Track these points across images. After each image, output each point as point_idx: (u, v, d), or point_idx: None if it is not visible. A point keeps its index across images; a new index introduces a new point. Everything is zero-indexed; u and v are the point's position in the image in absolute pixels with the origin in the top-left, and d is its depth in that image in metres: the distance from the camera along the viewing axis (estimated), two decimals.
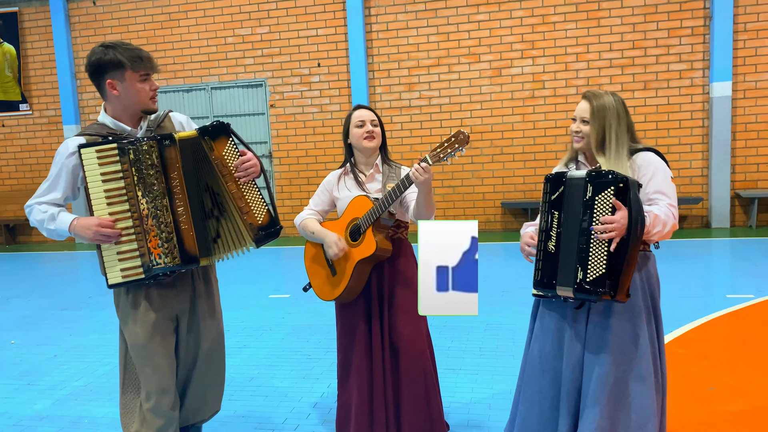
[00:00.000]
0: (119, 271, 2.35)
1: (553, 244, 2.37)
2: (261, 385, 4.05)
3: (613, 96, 2.43)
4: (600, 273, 2.23)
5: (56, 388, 4.18)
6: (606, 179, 2.22)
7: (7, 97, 11.45)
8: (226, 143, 2.45)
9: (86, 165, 2.32)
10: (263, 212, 2.49)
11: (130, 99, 2.41)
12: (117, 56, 2.36)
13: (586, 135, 2.44)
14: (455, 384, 3.89)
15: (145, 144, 2.34)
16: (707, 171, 9.22)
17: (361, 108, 2.91)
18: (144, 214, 2.35)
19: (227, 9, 10.36)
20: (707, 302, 5.38)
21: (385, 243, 2.72)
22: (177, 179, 2.38)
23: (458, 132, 2.45)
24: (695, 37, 9.02)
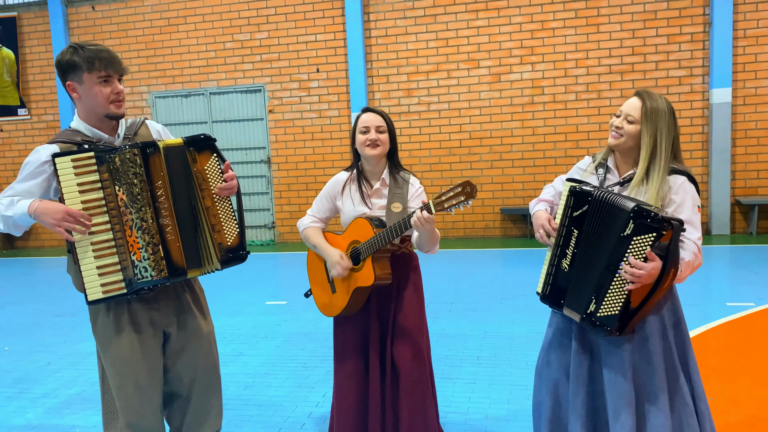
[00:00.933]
0: (100, 287, 2.20)
1: (567, 263, 2.29)
2: (255, 394, 4.01)
3: (666, 102, 2.26)
4: (614, 312, 2.16)
5: (49, 397, 4.13)
6: (652, 224, 2.04)
7: (6, 101, 11.43)
8: (210, 158, 2.34)
9: (61, 175, 2.16)
10: (234, 234, 2.39)
11: (90, 102, 2.26)
12: (74, 57, 2.21)
13: (626, 135, 2.27)
14: (452, 394, 3.85)
15: (127, 152, 2.20)
16: (707, 178, 9.19)
17: (368, 111, 2.73)
18: (128, 225, 2.22)
19: (226, 14, 10.35)
20: (706, 310, 5.34)
21: (385, 272, 2.61)
22: (162, 188, 2.25)
23: (466, 183, 2.27)
24: (695, 43, 9.00)
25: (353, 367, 2.78)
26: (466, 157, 9.77)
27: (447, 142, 9.83)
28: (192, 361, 2.48)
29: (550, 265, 2.35)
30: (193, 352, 2.48)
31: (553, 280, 2.32)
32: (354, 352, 2.79)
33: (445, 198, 2.33)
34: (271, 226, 10.70)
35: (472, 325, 5.23)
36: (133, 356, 2.32)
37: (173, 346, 2.44)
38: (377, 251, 2.58)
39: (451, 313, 5.60)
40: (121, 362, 2.33)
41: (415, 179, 2.78)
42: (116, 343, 2.32)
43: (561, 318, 2.46)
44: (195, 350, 2.48)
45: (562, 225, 2.30)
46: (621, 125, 2.28)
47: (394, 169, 2.78)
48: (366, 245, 2.60)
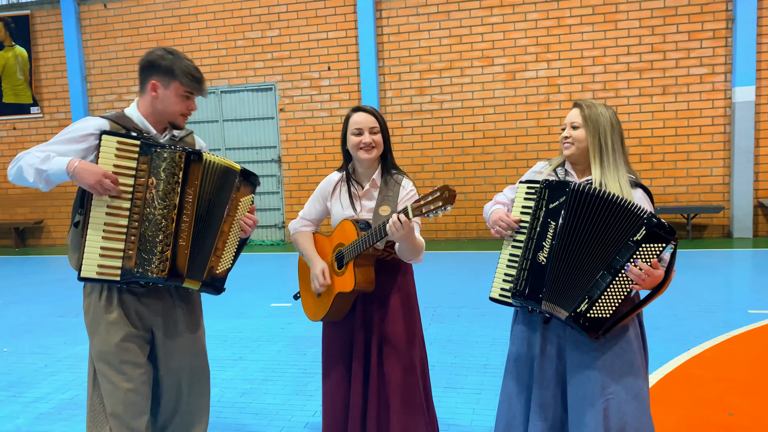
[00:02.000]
0: (96, 266, 2.23)
1: (545, 256, 2.21)
2: (252, 402, 3.86)
3: (605, 106, 2.33)
4: (606, 315, 2.13)
5: (41, 401, 4.02)
6: (665, 234, 2.08)
7: (19, 99, 11.44)
8: (248, 194, 2.49)
9: (103, 152, 2.23)
10: (226, 266, 2.46)
11: (165, 106, 2.37)
12: (173, 64, 2.34)
13: (577, 140, 2.31)
14: (455, 404, 3.67)
15: (176, 152, 2.27)
16: (729, 179, 8.90)
17: (360, 111, 2.56)
18: (148, 218, 2.26)
19: (237, 12, 10.24)
20: (726, 318, 5.10)
21: (367, 278, 2.48)
22: (191, 195, 2.31)
23: (444, 188, 2.17)
24: (717, 40, 8.71)
25: (339, 375, 2.65)
26: (479, 156, 9.57)
27: (460, 142, 9.63)
28: (178, 364, 2.49)
29: (522, 259, 2.27)
30: (179, 355, 2.48)
31: (529, 276, 2.24)
32: (340, 360, 2.65)
33: (423, 203, 2.20)
34: (281, 226, 10.58)
35: (480, 331, 5.05)
36: (119, 345, 2.34)
37: (159, 346, 2.45)
38: (359, 255, 2.44)
39: (459, 318, 5.42)
40: (107, 349, 2.34)
41: (408, 181, 2.61)
42: (104, 330, 2.35)
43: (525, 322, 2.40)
44: (181, 353, 2.49)
45: (534, 218, 2.26)
46: (569, 134, 2.33)
47: (387, 170, 2.62)
48: (349, 249, 2.47)
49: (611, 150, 2.26)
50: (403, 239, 2.30)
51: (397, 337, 2.55)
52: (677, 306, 5.38)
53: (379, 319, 2.57)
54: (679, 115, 8.94)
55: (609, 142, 2.26)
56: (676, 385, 3.77)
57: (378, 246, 2.49)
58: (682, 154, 8.99)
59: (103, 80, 10.95)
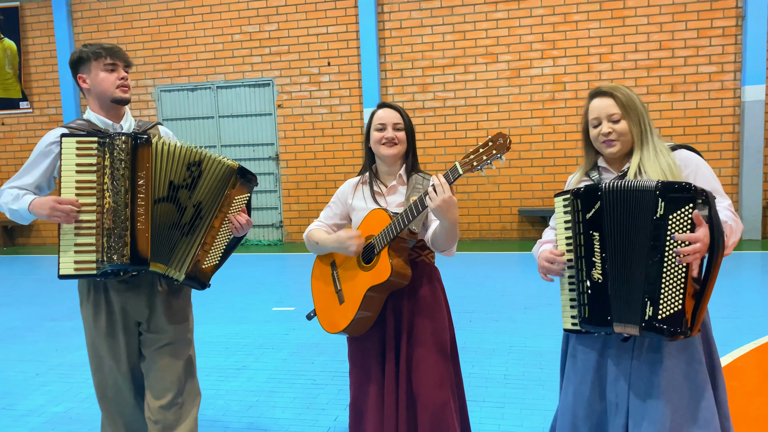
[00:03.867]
0: (72, 263, 2.31)
1: (599, 273, 1.98)
2: (260, 416, 3.62)
3: (626, 87, 2.13)
4: (677, 308, 1.84)
5: (33, 415, 3.76)
6: (684, 194, 1.82)
7: (8, 94, 11.10)
8: (243, 192, 2.50)
9: (64, 153, 2.31)
10: (213, 262, 2.49)
11: (98, 89, 2.46)
12: (81, 52, 2.46)
13: (621, 135, 2.07)
14: (479, 419, 3.44)
15: (121, 138, 2.32)
16: (738, 179, 8.73)
17: (385, 107, 2.46)
18: (106, 207, 2.32)
19: (234, 5, 9.97)
20: (749, 324, 4.91)
21: (403, 268, 2.27)
22: (144, 179, 2.33)
23: (498, 135, 2.01)
24: (726, 37, 8.54)
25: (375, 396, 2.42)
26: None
27: (463, 140, 9.41)
28: (163, 359, 2.54)
29: (579, 282, 2.05)
30: (163, 352, 2.54)
31: (590, 299, 2.01)
32: (374, 379, 2.42)
33: (474, 156, 2.02)
34: (279, 226, 10.32)
35: (495, 338, 4.83)
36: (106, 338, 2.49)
37: (145, 340, 2.54)
38: (394, 239, 2.23)
39: (471, 324, 5.19)
40: (96, 342, 2.51)
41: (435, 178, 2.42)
42: (94, 324, 2.50)
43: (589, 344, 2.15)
44: (165, 350, 2.54)
45: (576, 234, 2.05)
46: (611, 129, 2.08)
47: (412, 169, 2.47)
48: (382, 234, 2.26)
49: (650, 133, 2.06)
50: (446, 209, 2.08)
51: (431, 342, 2.36)
52: None
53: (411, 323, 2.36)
54: (687, 114, 8.77)
55: (647, 125, 2.06)
56: None
57: (414, 229, 2.27)
58: None
59: None
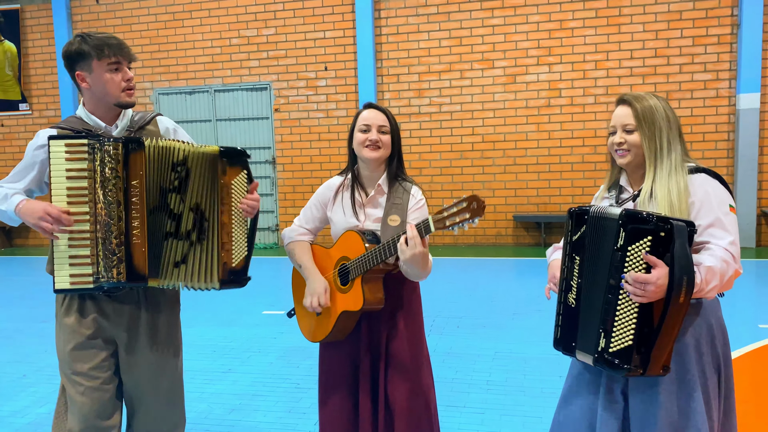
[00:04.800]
0: (68, 276, 2.15)
1: (574, 297, 1.94)
2: (241, 419, 3.64)
3: (657, 97, 1.99)
4: (627, 344, 1.77)
5: (18, 415, 3.78)
6: (644, 225, 1.74)
7: (7, 96, 11.17)
8: (240, 173, 2.26)
9: (53, 158, 2.12)
10: (241, 256, 2.29)
11: (100, 91, 2.22)
12: (82, 46, 2.18)
13: (633, 146, 1.98)
14: (458, 424, 3.46)
15: (110, 145, 2.12)
16: (732, 187, 8.71)
17: (371, 108, 2.37)
18: (99, 220, 2.14)
19: (232, 9, 10.02)
20: (736, 333, 4.89)
21: (376, 297, 2.26)
22: (137, 188, 2.15)
23: (472, 198, 1.94)
24: (722, 45, 8.55)
25: (341, 401, 2.42)
26: (478, 161, 9.37)
27: (459, 145, 9.43)
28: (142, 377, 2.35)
29: (558, 303, 2.01)
30: (143, 370, 2.35)
31: (563, 322, 1.98)
32: (342, 384, 2.42)
33: (447, 214, 1.97)
34: (275, 229, 10.35)
35: (481, 343, 4.84)
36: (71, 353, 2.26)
37: (123, 359, 2.34)
38: (368, 271, 2.22)
39: (459, 330, 5.21)
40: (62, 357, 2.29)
41: (417, 189, 2.40)
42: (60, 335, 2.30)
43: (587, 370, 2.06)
44: (145, 368, 2.35)
45: (564, 254, 2.00)
46: (623, 139, 2.00)
47: (395, 176, 2.40)
48: (356, 263, 2.25)
49: (666, 150, 1.92)
50: (416, 261, 2.06)
51: (405, 359, 2.35)
52: None
53: (386, 338, 2.35)
54: (682, 121, 8.71)
55: (665, 142, 1.92)
56: None
57: (389, 261, 2.27)
58: None
59: None
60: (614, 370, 1.81)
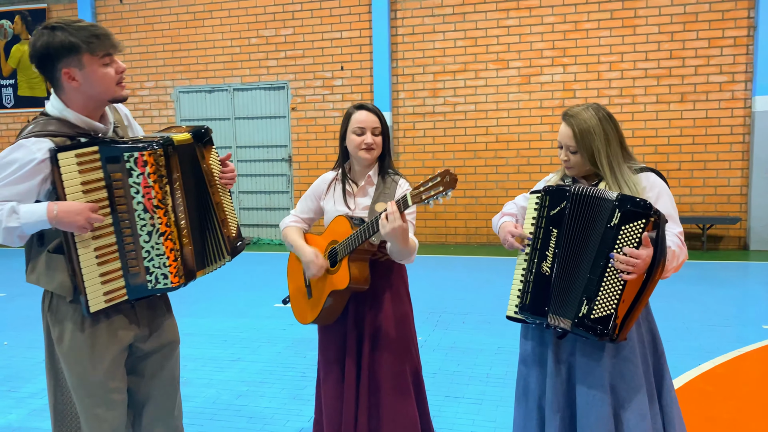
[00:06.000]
0: (102, 296, 1.97)
1: (549, 266, 2.12)
2: (247, 405, 3.78)
3: (595, 112, 2.16)
4: (609, 311, 1.97)
5: (35, 397, 3.97)
6: (639, 209, 1.97)
7: (33, 93, 11.48)
8: (212, 151, 2.21)
9: (65, 173, 1.88)
10: (235, 224, 2.30)
11: (94, 89, 1.97)
12: (69, 38, 1.90)
13: (576, 165, 2.22)
14: (455, 414, 3.57)
15: (154, 151, 1.96)
16: (747, 190, 8.69)
17: (363, 109, 2.50)
18: (148, 230, 1.99)
19: (252, 9, 10.20)
20: (741, 333, 4.94)
21: (362, 276, 2.39)
22: (179, 190, 2.05)
23: (444, 172, 2.07)
24: (738, 47, 8.52)
25: (337, 378, 2.57)
26: (491, 160, 9.44)
27: (472, 145, 9.51)
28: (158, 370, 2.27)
29: (527, 272, 2.18)
30: (160, 361, 2.27)
31: (533, 288, 2.16)
32: (336, 366, 2.57)
33: (423, 189, 2.11)
34: None
35: (485, 339, 4.93)
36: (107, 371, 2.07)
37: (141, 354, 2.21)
38: (354, 251, 2.36)
39: (464, 325, 5.30)
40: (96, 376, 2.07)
41: (404, 181, 2.57)
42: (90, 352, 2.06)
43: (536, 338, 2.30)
44: (163, 359, 2.28)
45: (538, 227, 2.19)
46: (567, 158, 2.22)
47: (384, 170, 2.57)
48: (343, 244, 2.40)
49: (608, 167, 2.15)
50: (396, 235, 2.18)
51: (388, 340, 2.48)
52: (689, 319, 5.23)
53: (371, 320, 2.50)
54: (696, 123, 8.76)
55: (605, 161, 2.14)
56: (686, 401, 3.63)
57: (373, 241, 2.40)
58: (699, 163, 8.81)
59: None
60: (593, 335, 2.00)
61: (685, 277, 1.97)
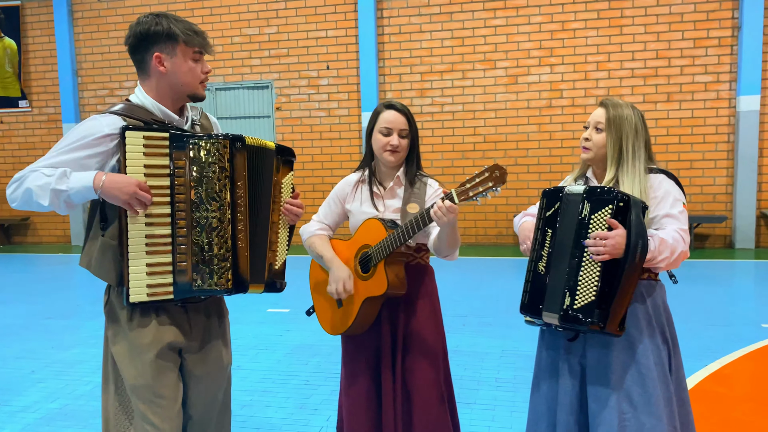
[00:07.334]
0: (146, 288, 1.91)
1: (543, 265, 2.15)
2: (252, 416, 3.66)
3: (632, 108, 2.21)
4: (589, 300, 1.99)
5: (28, 411, 3.79)
6: (604, 196, 2.00)
7: (7, 93, 11.13)
8: (289, 172, 2.20)
9: (129, 152, 1.88)
10: (282, 259, 2.19)
11: (179, 78, 2.01)
12: (171, 27, 1.97)
13: (595, 145, 2.21)
14: (469, 421, 3.49)
15: (219, 142, 1.94)
16: (732, 188, 8.79)
17: (392, 109, 2.39)
18: (201, 223, 1.94)
19: (234, 8, 10.02)
20: (739, 332, 4.95)
21: (399, 280, 2.31)
22: (242, 189, 2.00)
23: (494, 167, 2.02)
24: (722, 47, 8.61)
25: (366, 389, 2.45)
26: (479, 161, 9.40)
27: (460, 145, 9.46)
28: (210, 390, 2.18)
29: (527, 272, 2.22)
30: (212, 381, 2.17)
31: (531, 287, 2.19)
32: (366, 372, 2.45)
33: (470, 185, 2.05)
34: None
35: (488, 341, 4.87)
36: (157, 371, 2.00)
37: (191, 368, 2.12)
38: (390, 254, 2.26)
39: (465, 328, 5.24)
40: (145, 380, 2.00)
41: (433, 181, 2.49)
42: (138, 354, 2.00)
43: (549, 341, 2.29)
44: (214, 379, 2.18)
45: (536, 228, 2.22)
46: (590, 136, 2.23)
47: (412, 170, 2.46)
48: (378, 248, 2.29)
49: (630, 156, 2.15)
50: (447, 226, 2.14)
51: (425, 346, 2.39)
52: (689, 319, 5.24)
53: (405, 325, 2.41)
54: (683, 122, 8.83)
55: (630, 147, 2.16)
56: (699, 403, 3.61)
57: (410, 243, 2.32)
58: (686, 162, 8.88)
59: (94, 75, 10.68)
60: (578, 325, 2.00)
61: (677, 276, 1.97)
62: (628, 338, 2.11)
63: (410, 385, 2.38)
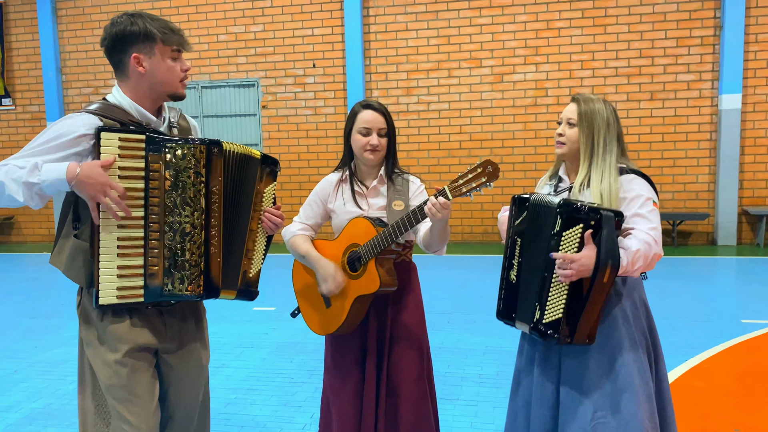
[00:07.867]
0: (116, 290, 1.90)
1: (515, 274, 2.19)
2: (237, 413, 3.66)
3: (604, 102, 2.23)
4: (557, 316, 2.03)
5: (11, 410, 3.77)
6: (578, 215, 1.99)
7: None
8: (271, 183, 2.18)
9: (104, 153, 1.85)
10: (257, 267, 2.17)
11: (159, 78, 1.98)
12: (147, 26, 1.95)
13: (569, 140, 2.22)
14: (452, 416, 3.52)
15: (194, 146, 1.93)
16: (714, 186, 8.90)
17: (370, 109, 2.40)
18: (174, 227, 1.93)
19: (220, 5, 9.99)
20: (720, 328, 5.02)
21: (390, 277, 2.32)
22: (216, 195, 1.99)
23: (486, 162, 2.04)
24: (705, 47, 8.70)
25: (355, 389, 2.46)
26: (465, 159, 9.44)
27: (446, 144, 9.50)
28: (189, 391, 2.17)
29: (501, 280, 2.25)
30: (191, 382, 2.17)
31: (505, 295, 2.23)
32: (355, 371, 2.46)
33: (462, 181, 2.06)
34: None
35: (472, 338, 4.90)
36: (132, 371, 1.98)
37: (169, 369, 2.11)
38: (381, 253, 2.28)
39: (449, 325, 5.27)
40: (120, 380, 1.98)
41: (415, 177, 2.51)
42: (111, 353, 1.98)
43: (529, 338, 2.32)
44: (193, 380, 2.18)
45: (508, 237, 2.24)
46: (563, 132, 2.25)
47: (391, 168, 2.48)
48: (367, 246, 2.30)
49: (602, 149, 2.16)
50: (440, 221, 2.16)
51: (411, 340, 2.43)
52: (670, 315, 5.30)
53: (393, 321, 2.44)
54: (666, 121, 8.92)
55: (601, 141, 2.17)
56: (679, 398, 3.66)
57: (400, 240, 2.34)
58: (669, 160, 8.97)
59: (78, 73, 10.60)
60: (546, 339, 2.05)
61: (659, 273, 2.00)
62: (606, 336, 2.13)
63: (397, 379, 2.40)
